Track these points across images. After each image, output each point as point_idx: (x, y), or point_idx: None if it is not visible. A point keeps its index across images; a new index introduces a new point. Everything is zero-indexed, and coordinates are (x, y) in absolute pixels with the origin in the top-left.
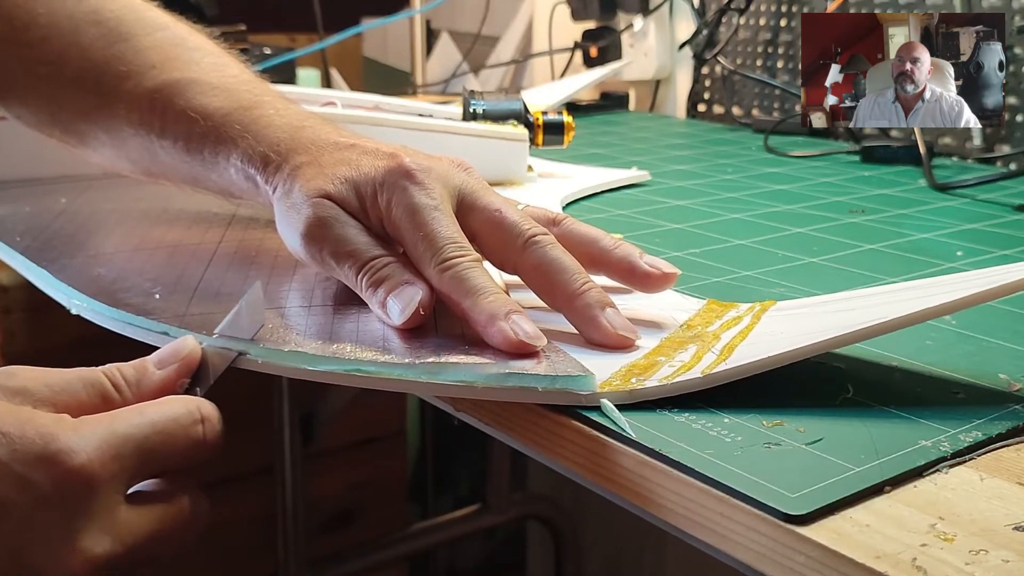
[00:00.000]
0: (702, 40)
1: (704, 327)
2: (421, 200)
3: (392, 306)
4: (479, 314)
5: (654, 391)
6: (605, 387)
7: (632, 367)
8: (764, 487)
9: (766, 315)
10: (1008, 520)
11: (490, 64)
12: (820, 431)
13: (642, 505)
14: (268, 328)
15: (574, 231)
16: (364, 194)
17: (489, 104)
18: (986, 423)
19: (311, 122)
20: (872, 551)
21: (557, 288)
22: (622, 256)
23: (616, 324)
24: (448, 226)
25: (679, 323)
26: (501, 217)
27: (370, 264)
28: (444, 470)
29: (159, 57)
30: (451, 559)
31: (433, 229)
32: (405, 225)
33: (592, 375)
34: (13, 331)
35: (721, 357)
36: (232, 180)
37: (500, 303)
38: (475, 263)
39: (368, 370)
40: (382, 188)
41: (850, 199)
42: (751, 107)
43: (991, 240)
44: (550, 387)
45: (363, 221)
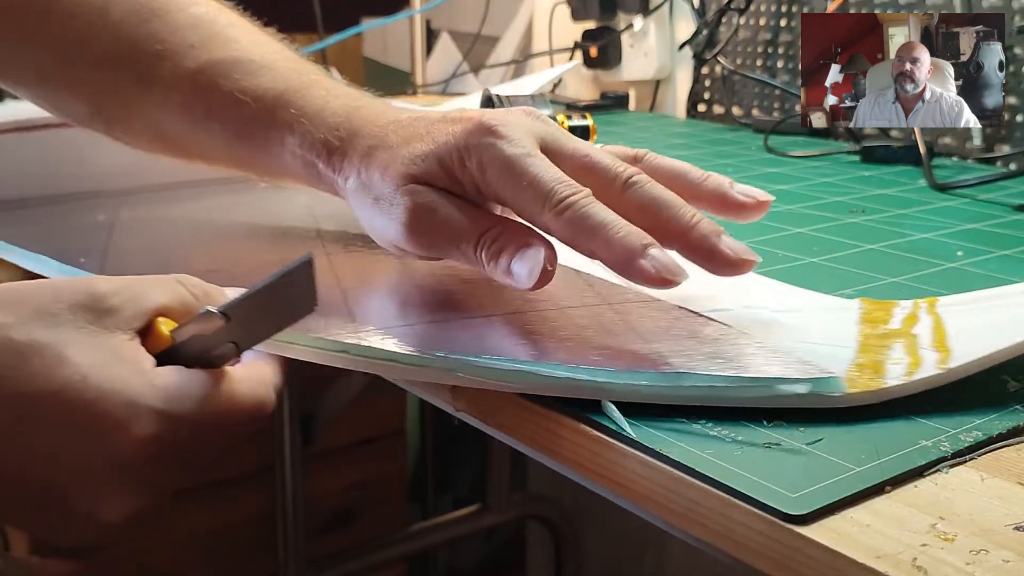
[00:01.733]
0: (702, 40)
1: (884, 325)
2: (513, 151)
3: (519, 271)
4: (615, 252)
5: (900, 389)
6: (853, 388)
7: (860, 367)
8: (764, 487)
9: (939, 310)
10: (1008, 520)
11: (490, 64)
12: (820, 431)
13: (642, 505)
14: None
15: (660, 166)
16: (450, 164)
17: None
18: (986, 423)
19: (364, 101)
20: (872, 551)
21: (668, 225)
22: (714, 187)
23: (736, 249)
24: (548, 169)
25: (854, 322)
26: (592, 161)
27: (483, 238)
28: (444, 470)
29: (197, 36)
30: (451, 559)
31: (535, 175)
32: (504, 180)
33: (840, 376)
34: None
35: (942, 353)
36: (287, 165)
37: (634, 237)
38: (591, 198)
39: (625, 386)
40: (468, 152)
41: (850, 199)
42: (751, 107)
43: (991, 240)
44: (804, 392)
45: (455, 191)
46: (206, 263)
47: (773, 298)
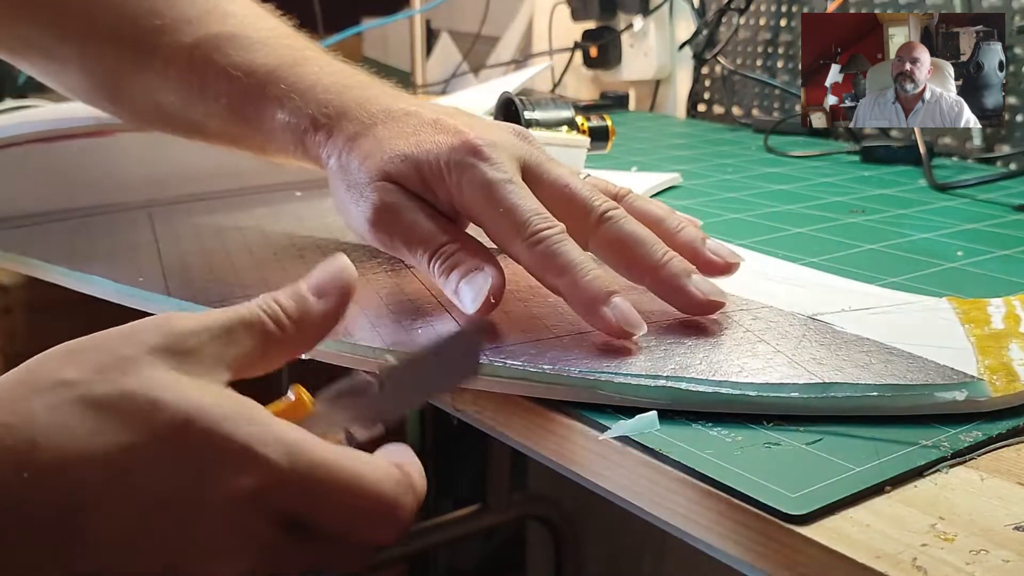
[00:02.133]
0: (702, 40)
1: (988, 325)
2: (494, 176)
3: (464, 293)
4: (579, 294)
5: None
6: (996, 392)
7: (991, 370)
8: (764, 487)
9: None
10: (1008, 520)
11: (490, 64)
12: (820, 431)
13: (642, 505)
14: None
15: (638, 208)
16: (428, 173)
17: (542, 113)
18: (986, 423)
19: (358, 80)
20: (872, 551)
21: (638, 261)
22: (686, 240)
23: (705, 290)
24: (527, 198)
25: (957, 323)
26: (571, 191)
27: (440, 251)
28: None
29: (195, 11)
30: (451, 559)
31: (513, 203)
32: (481, 203)
33: (984, 380)
34: (13, 331)
35: None
36: (276, 140)
37: (600, 282)
38: (564, 235)
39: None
40: (449, 168)
41: (850, 199)
42: (751, 107)
43: (991, 240)
44: (961, 398)
45: (427, 198)
46: (276, 275)
47: (862, 298)
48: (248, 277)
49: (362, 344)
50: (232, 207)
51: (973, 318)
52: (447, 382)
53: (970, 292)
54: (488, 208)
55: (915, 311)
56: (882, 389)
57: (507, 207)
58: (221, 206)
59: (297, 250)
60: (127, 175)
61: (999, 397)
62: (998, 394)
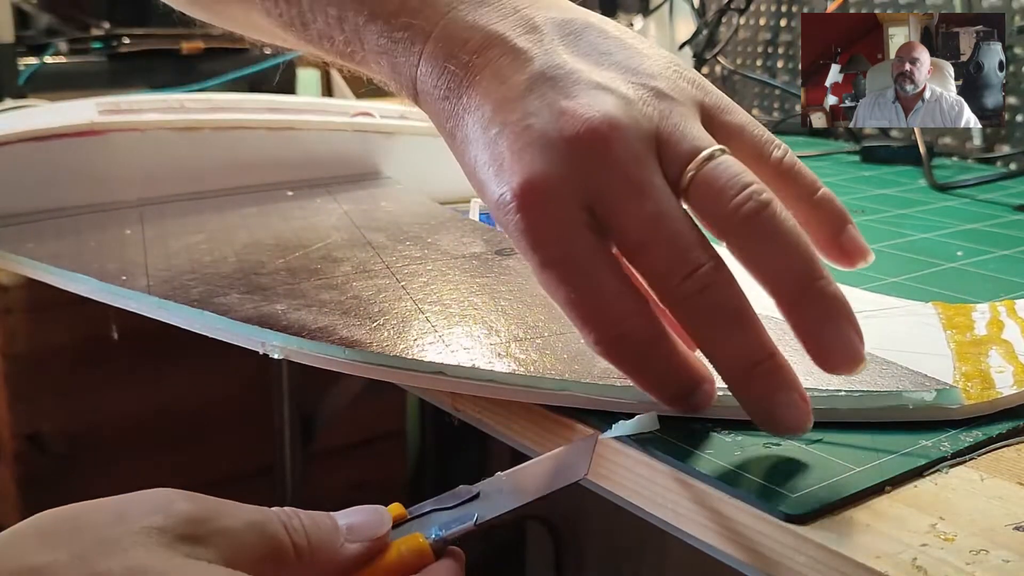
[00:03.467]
0: (702, 40)
1: (971, 331)
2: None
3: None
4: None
5: (1015, 398)
6: (969, 399)
7: (967, 376)
8: (764, 487)
9: (1021, 314)
10: (1008, 520)
11: None
12: (820, 431)
13: (642, 505)
14: None
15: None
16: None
17: None
18: (986, 423)
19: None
20: (872, 551)
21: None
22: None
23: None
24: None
25: (939, 328)
26: None
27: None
28: (444, 470)
29: None
30: None
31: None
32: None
33: (957, 388)
34: (13, 331)
35: None
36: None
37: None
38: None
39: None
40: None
41: (850, 199)
42: (751, 107)
43: (991, 240)
44: (921, 404)
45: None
46: (259, 275)
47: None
48: (230, 276)
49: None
50: (224, 206)
51: (956, 324)
52: (548, 489)
53: (970, 292)
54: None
55: (899, 316)
56: (853, 394)
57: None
58: (213, 205)
59: (280, 251)
60: (119, 174)
61: (971, 405)
62: (971, 401)
